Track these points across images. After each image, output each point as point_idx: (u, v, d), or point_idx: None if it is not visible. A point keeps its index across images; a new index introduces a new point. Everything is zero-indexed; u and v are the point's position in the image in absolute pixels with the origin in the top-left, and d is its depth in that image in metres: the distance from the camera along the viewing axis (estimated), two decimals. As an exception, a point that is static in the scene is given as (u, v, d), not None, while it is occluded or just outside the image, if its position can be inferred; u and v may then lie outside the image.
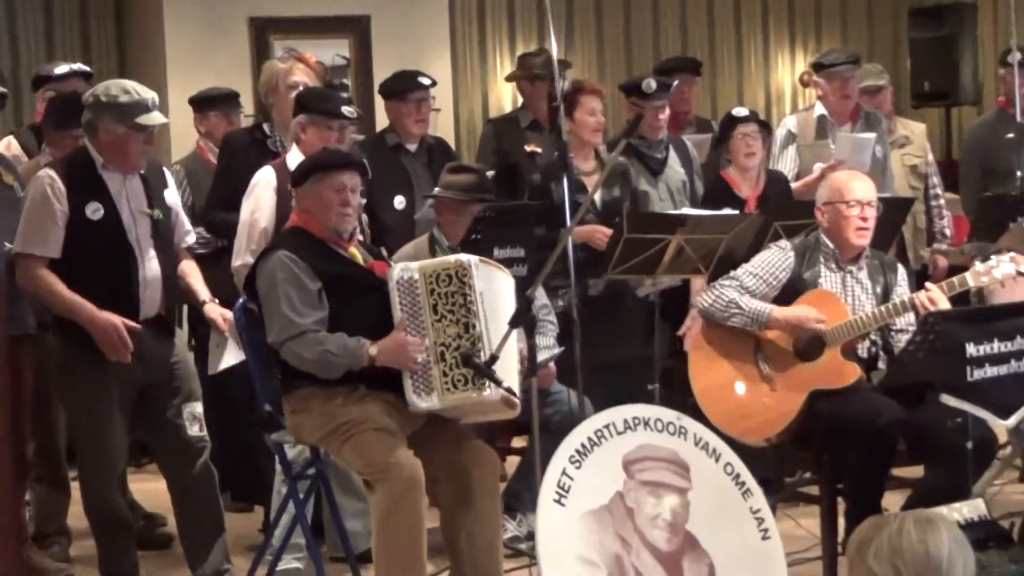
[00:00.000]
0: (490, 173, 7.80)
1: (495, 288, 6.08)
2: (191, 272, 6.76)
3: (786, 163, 8.62)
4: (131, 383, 6.40)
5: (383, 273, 6.13)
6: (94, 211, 6.30)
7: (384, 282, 6.06)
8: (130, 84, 6.49)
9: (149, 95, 6.40)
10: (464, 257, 6.02)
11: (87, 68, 8.57)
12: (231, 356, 6.72)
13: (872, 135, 8.47)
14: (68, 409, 6.68)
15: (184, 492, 6.62)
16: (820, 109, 8.74)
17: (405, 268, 5.98)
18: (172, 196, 6.71)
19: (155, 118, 6.37)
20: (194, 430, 6.52)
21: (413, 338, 5.88)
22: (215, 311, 6.68)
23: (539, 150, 8.34)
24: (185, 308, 8.10)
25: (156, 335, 6.47)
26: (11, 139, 8.06)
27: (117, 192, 6.38)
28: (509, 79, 9.84)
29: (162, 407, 6.50)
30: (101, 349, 6.22)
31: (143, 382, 6.43)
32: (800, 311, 6.36)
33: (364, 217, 7.25)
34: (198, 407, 6.57)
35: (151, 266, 6.41)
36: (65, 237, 6.27)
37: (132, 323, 6.24)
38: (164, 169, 6.88)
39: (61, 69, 8.16)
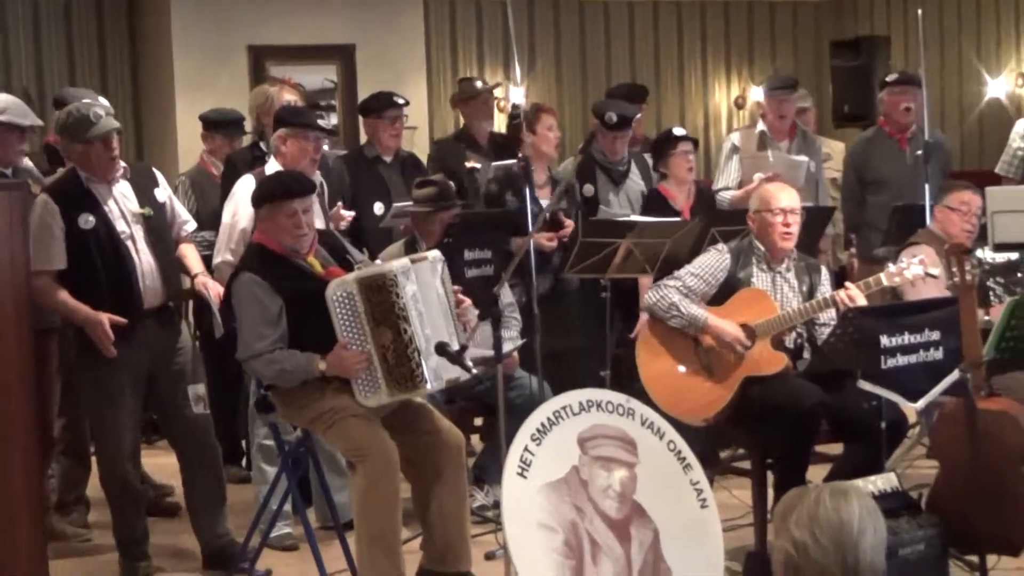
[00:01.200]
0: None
1: (427, 284, 5.97)
2: (188, 253, 6.72)
3: (730, 172, 8.62)
4: (140, 370, 6.39)
5: None
6: (85, 221, 6.27)
7: None
8: (75, 106, 6.47)
9: (92, 109, 6.35)
10: (394, 265, 5.89)
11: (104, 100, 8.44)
12: (217, 326, 6.72)
13: (805, 159, 8.50)
14: (83, 396, 6.66)
15: (191, 465, 6.61)
16: (761, 126, 8.76)
17: (340, 284, 5.84)
18: (163, 193, 6.64)
19: (101, 127, 6.30)
20: (198, 408, 6.49)
21: (352, 352, 5.79)
22: (200, 282, 6.64)
23: (478, 166, 8.34)
24: (191, 303, 8.07)
25: (161, 324, 6.46)
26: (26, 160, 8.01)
27: (105, 199, 6.35)
28: (452, 103, 9.71)
29: (169, 389, 6.48)
30: (95, 343, 6.21)
31: (151, 367, 6.42)
32: (729, 328, 6.34)
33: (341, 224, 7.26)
34: (201, 388, 6.55)
35: (147, 260, 6.38)
36: (67, 248, 6.26)
37: (117, 318, 6.19)
38: (153, 170, 6.83)
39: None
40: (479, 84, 9.10)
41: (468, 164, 8.44)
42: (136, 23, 13.60)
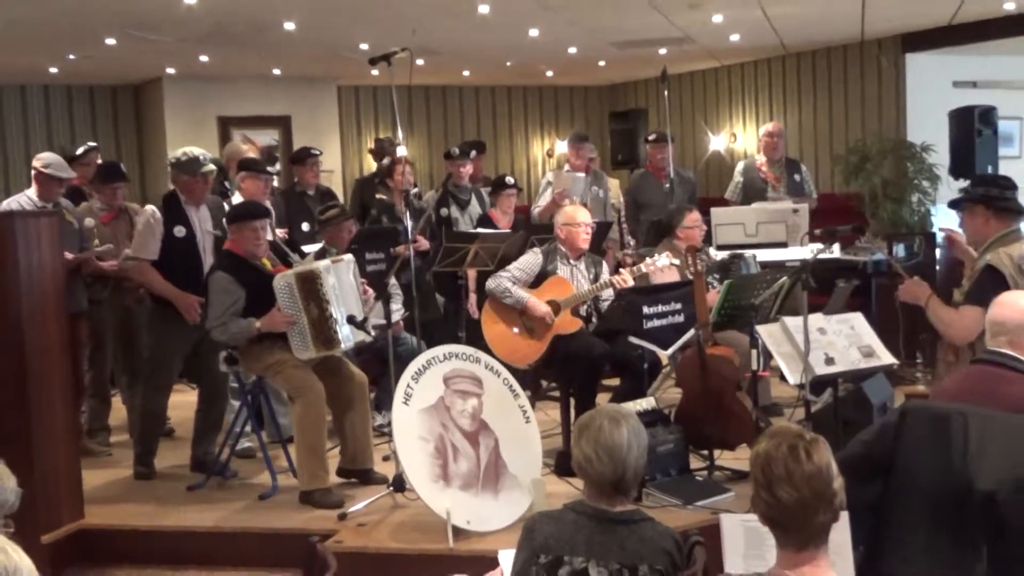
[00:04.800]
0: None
1: (343, 277, 5.93)
2: None
3: (546, 198, 8.65)
4: (190, 338, 6.29)
5: None
6: (179, 231, 6.21)
7: None
8: (190, 148, 6.37)
9: (199, 153, 6.28)
10: (319, 264, 5.84)
11: (95, 144, 8.14)
12: None
13: (581, 175, 8.66)
14: (151, 347, 6.48)
15: (208, 403, 6.51)
16: (568, 167, 8.85)
17: (283, 276, 5.78)
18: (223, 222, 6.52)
19: (206, 169, 6.24)
20: (223, 367, 6.35)
21: (280, 313, 5.72)
22: None
23: (385, 197, 8.30)
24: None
25: None
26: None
27: (193, 219, 6.27)
28: (370, 152, 9.69)
29: (209, 354, 6.33)
30: (182, 313, 6.14)
31: (198, 338, 6.26)
32: (540, 305, 6.34)
33: (281, 237, 7.15)
34: (225, 353, 6.43)
35: (207, 264, 6.25)
36: (161, 247, 6.18)
37: (200, 298, 6.09)
38: (224, 203, 6.73)
39: (80, 149, 7.80)
40: (387, 145, 9.16)
41: (379, 196, 8.40)
42: (140, 102, 13.36)
